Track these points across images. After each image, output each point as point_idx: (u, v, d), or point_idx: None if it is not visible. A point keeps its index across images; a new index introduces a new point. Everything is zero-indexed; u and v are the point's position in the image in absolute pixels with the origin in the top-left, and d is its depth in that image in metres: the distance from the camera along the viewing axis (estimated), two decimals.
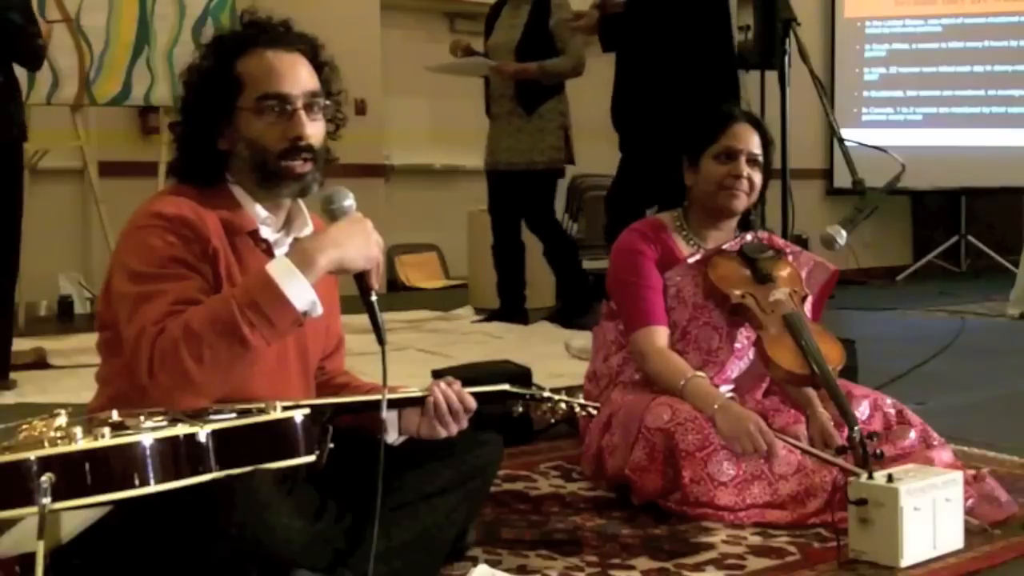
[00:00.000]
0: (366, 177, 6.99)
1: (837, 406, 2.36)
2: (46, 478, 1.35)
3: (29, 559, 1.41)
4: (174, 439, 1.45)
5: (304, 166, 1.83)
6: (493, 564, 2.02)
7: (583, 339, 4.25)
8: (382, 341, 1.73)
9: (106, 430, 1.43)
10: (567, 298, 5.55)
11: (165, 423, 1.50)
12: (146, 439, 1.43)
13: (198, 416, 1.54)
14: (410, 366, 3.81)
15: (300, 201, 1.91)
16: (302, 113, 1.82)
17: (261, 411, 1.56)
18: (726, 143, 2.63)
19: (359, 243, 1.74)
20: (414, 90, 7.64)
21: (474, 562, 2.02)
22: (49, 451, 1.37)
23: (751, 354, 2.62)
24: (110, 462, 1.40)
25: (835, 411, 2.41)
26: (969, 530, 2.15)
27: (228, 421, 1.53)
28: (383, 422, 1.84)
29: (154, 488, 1.42)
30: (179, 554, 1.59)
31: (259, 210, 1.85)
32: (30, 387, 3.89)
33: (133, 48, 5.46)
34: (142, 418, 1.52)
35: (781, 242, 2.80)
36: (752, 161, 2.63)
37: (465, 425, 1.89)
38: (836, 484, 2.21)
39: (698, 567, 2.06)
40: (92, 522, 1.53)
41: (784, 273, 2.64)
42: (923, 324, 5.75)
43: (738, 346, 2.62)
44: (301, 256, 1.70)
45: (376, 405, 1.81)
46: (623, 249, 2.70)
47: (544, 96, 5.34)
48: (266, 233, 1.86)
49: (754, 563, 2.08)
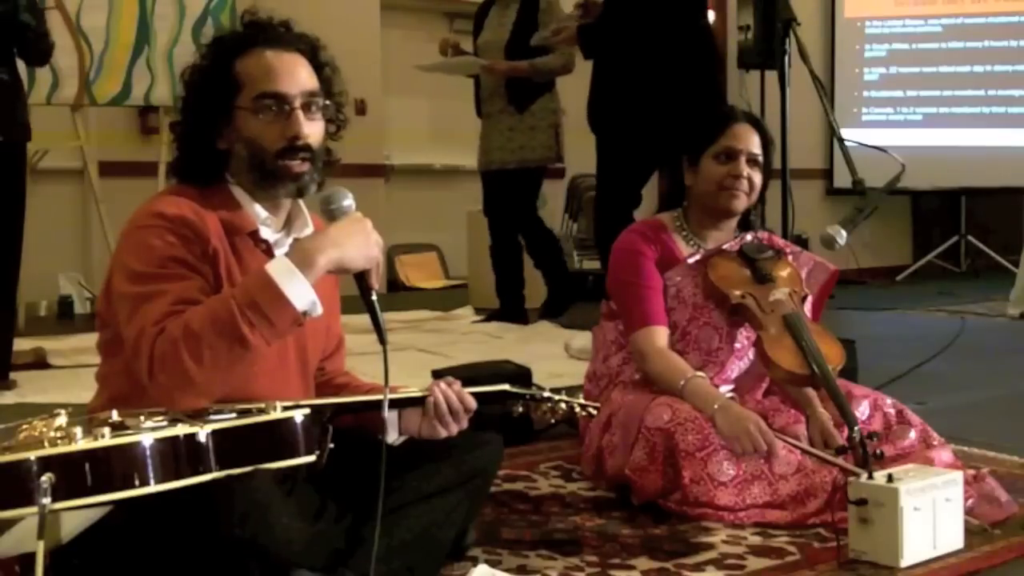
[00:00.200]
0: (366, 177, 7.00)
1: (837, 406, 2.36)
2: (46, 478, 1.35)
3: (29, 559, 1.41)
4: (174, 439, 1.46)
5: (301, 166, 1.82)
6: (493, 564, 2.02)
7: (583, 339, 4.25)
8: (383, 341, 1.72)
9: (106, 430, 1.43)
10: (554, 292, 5.59)
11: (165, 423, 1.50)
12: (146, 439, 1.43)
13: (198, 416, 1.54)
14: (410, 366, 3.81)
15: (300, 201, 1.91)
16: (299, 112, 1.82)
17: (261, 411, 1.57)
18: (726, 143, 2.63)
19: (359, 243, 1.74)
20: (414, 90, 7.64)
21: (474, 562, 2.02)
22: (49, 451, 1.37)
23: (751, 354, 2.62)
24: (110, 462, 1.40)
25: (835, 411, 2.41)
26: (969, 530, 2.15)
27: (228, 421, 1.53)
28: (384, 422, 1.84)
29: (154, 488, 1.42)
30: (179, 554, 1.58)
31: (259, 210, 1.85)
32: (30, 387, 3.89)
33: (133, 48, 5.46)
34: (142, 418, 1.52)
35: (781, 242, 2.80)
36: (752, 161, 2.63)
37: (465, 425, 1.89)
38: (836, 484, 2.21)
39: (698, 567, 2.06)
40: (92, 522, 1.53)
41: (784, 273, 2.64)
42: (923, 324, 5.75)
43: (738, 346, 2.62)
44: (301, 256, 1.70)
45: (377, 405, 1.81)
46: (623, 249, 2.70)
47: (535, 94, 5.32)
48: (266, 233, 1.86)
49: (754, 563, 2.08)
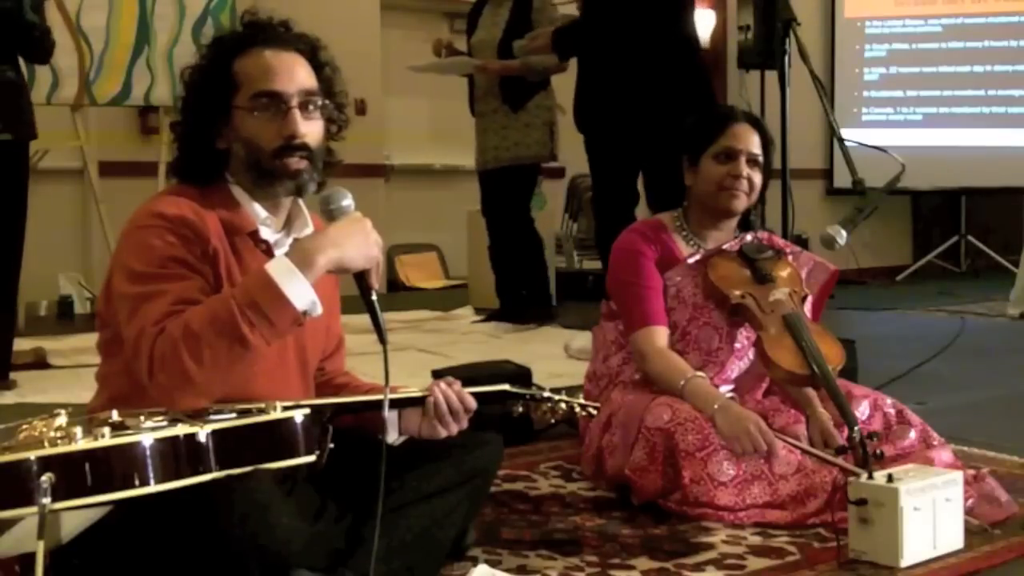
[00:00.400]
0: (366, 177, 7.00)
1: (837, 406, 2.36)
2: (46, 478, 1.35)
3: (29, 559, 1.41)
4: (174, 439, 1.46)
5: (299, 164, 1.82)
6: (493, 564, 2.02)
7: (583, 340, 4.25)
8: (383, 340, 1.72)
9: (106, 430, 1.43)
10: (518, 296, 5.47)
11: (165, 423, 1.50)
12: (146, 439, 1.43)
13: (198, 416, 1.54)
14: (410, 366, 3.81)
15: (300, 201, 1.90)
16: (296, 111, 1.81)
17: (261, 411, 1.57)
18: (725, 143, 2.63)
19: (358, 242, 1.74)
20: (414, 90, 7.64)
21: (474, 562, 2.02)
22: (49, 451, 1.37)
23: (751, 354, 2.62)
24: (110, 462, 1.40)
25: (835, 411, 2.41)
26: (969, 530, 2.15)
27: (228, 421, 1.53)
28: (384, 422, 1.84)
29: (154, 488, 1.42)
30: (179, 554, 1.58)
31: (259, 210, 1.85)
32: (30, 387, 3.88)
33: (133, 48, 5.46)
34: (142, 418, 1.52)
35: (781, 242, 2.80)
36: (752, 161, 2.62)
37: (465, 425, 1.89)
38: (836, 484, 2.21)
39: (698, 567, 2.06)
40: (92, 522, 1.53)
41: (784, 273, 2.64)
42: (923, 324, 5.75)
43: (738, 346, 2.62)
44: (300, 256, 1.70)
45: (376, 405, 1.81)
46: (623, 249, 2.70)
47: (530, 92, 5.30)
48: (266, 234, 1.86)
49: (754, 563, 2.08)
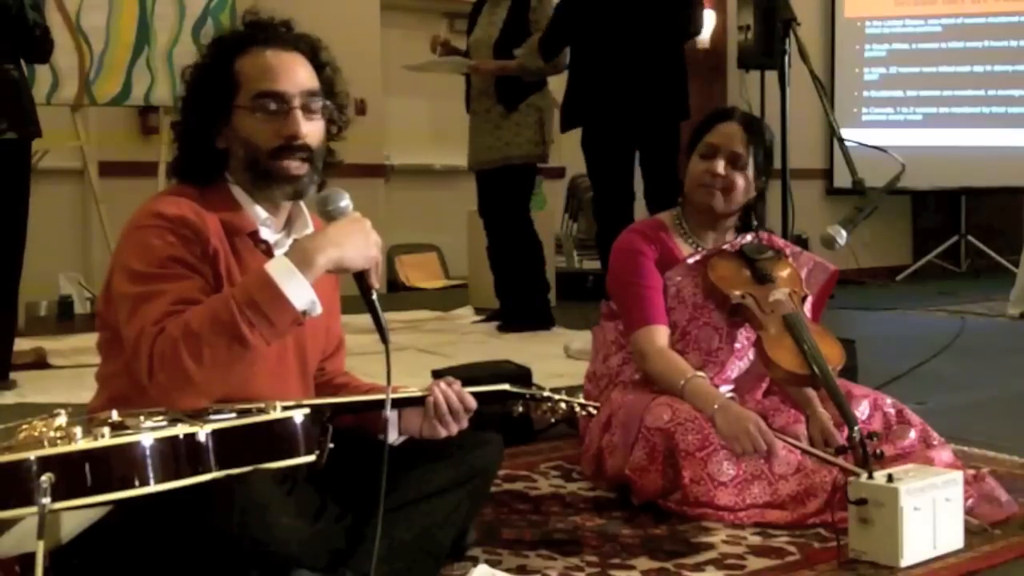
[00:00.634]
0: (366, 177, 7.00)
1: (837, 406, 2.36)
2: (46, 478, 1.35)
3: (29, 559, 1.41)
4: (174, 439, 1.46)
5: (300, 167, 1.81)
6: (493, 564, 2.02)
7: (583, 340, 4.25)
8: (385, 340, 1.72)
9: (106, 430, 1.43)
10: (516, 301, 5.41)
11: (165, 423, 1.50)
12: (146, 439, 1.43)
13: (198, 416, 1.54)
14: (410, 366, 3.81)
15: (301, 202, 1.91)
16: (298, 112, 1.81)
17: (261, 411, 1.57)
18: (709, 140, 2.64)
19: (357, 242, 1.74)
20: (414, 90, 7.64)
21: (474, 562, 2.02)
22: (49, 451, 1.37)
23: (751, 354, 2.62)
24: (110, 462, 1.40)
25: (835, 411, 2.41)
26: (969, 530, 2.15)
27: (228, 421, 1.53)
28: (384, 422, 1.84)
29: (154, 488, 1.42)
30: (179, 554, 1.59)
31: (259, 211, 1.85)
32: (30, 387, 3.88)
33: (133, 48, 5.46)
34: (142, 418, 1.52)
35: (781, 242, 2.80)
36: (733, 161, 2.61)
37: (465, 425, 1.89)
38: (836, 484, 2.21)
39: (698, 567, 2.06)
40: (92, 522, 1.53)
41: (784, 273, 2.64)
42: (923, 324, 5.75)
43: (738, 346, 2.62)
44: (300, 255, 1.70)
45: (377, 405, 1.81)
46: (623, 249, 2.70)
47: (524, 93, 5.26)
48: (266, 234, 1.86)
49: (754, 563, 2.08)
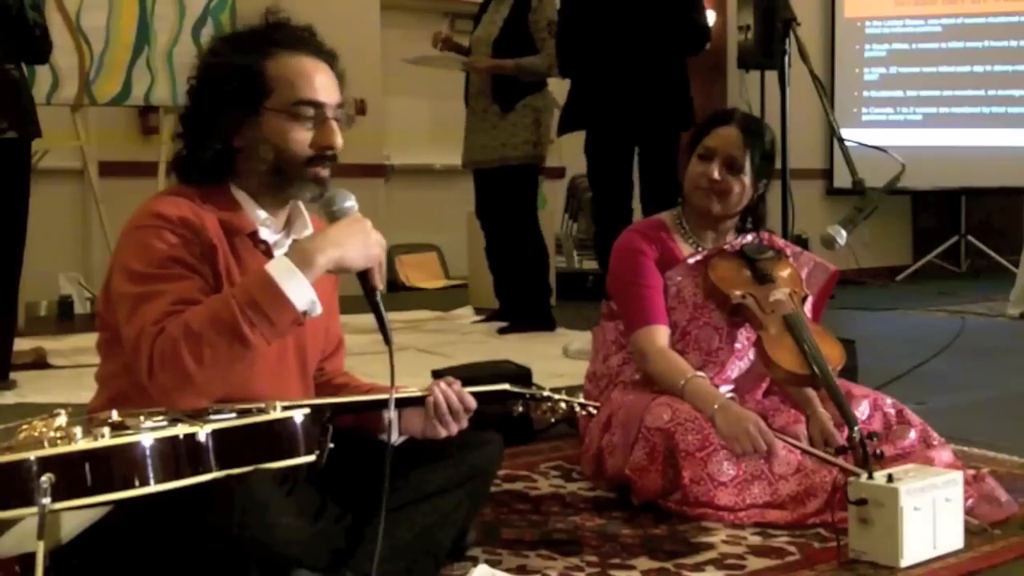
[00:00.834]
0: (366, 177, 6.99)
1: (837, 406, 2.36)
2: (46, 478, 1.35)
3: (29, 559, 1.41)
4: (174, 439, 1.45)
5: (326, 173, 1.85)
6: (493, 564, 2.02)
7: (582, 341, 4.25)
8: (388, 341, 1.72)
9: (106, 430, 1.43)
10: (517, 303, 5.38)
11: (165, 423, 1.50)
12: (146, 439, 1.43)
13: (198, 416, 1.54)
14: (410, 366, 3.80)
15: (300, 203, 1.91)
16: (333, 123, 1.84)
17: (261, 411, 1.56)
18: (707, 143, 2.64)
19: (358, 241, 1.74)
20: (414, 90, 7.64)
21: (474, 562, 2.02)
22: (49, 451, 1.37)
23: (751, 354, 2.62)
24: (110, 462, 1.40)
25: (835, 411, 2.41)
26: (969, 530, 2.15)
27: (228, 421, 1.53)
28: (385, 422, 1.84)
29: (154, 488, 1.42)
30: (179, 554, 1.58)
31: (259, 212, 1.85)
32: (30, 387, 3.88)
33: (133, 48, 5.46)
34: (142, 418, 1.52)
35: (781, 242, 2.80)
36: (730, 165, 2.61)
37: (465, 425, 1.89)
38: (836, 484, 2.21)
39: (698, 567, 2.06)
40: (92, 522, 1.53)
41: (784, 273, 2.64)
42: (923, 324, 5.75)
43: (738, 346, 2.62)
44: (300, 255, 1.70)
45: (377, 405, 1.82)
46: (623, 249, 2.70)
47: (521, 93, 5.22)
48: (265, 234, 1.86)
49: (754, 563, 2.08)
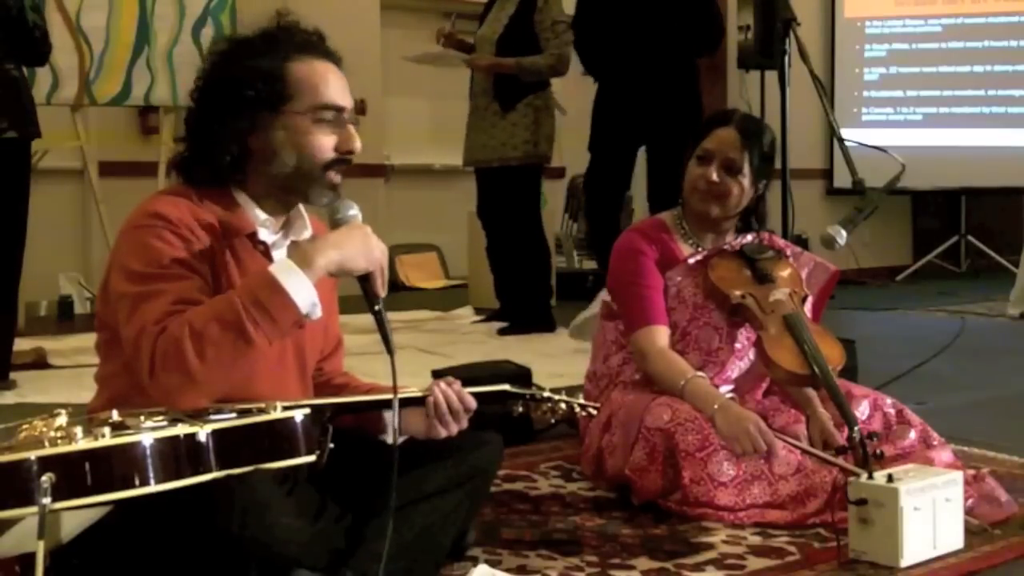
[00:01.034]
0: (366, 177, 6.99)
1: (837, 406, 2.36)
2: (46, 478, 1.35)
3: (29, 559, 1.41)
4: (174, 439, 1.45)
5: (339, 177, 1.86)
6: (493, 564, 2.02)
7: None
8: (390, 351, 1.72)
9: (106, 430, 1.43)
10: (517, 304, 5.36)
11: (165, 423, 1.50)
12: (146, 439, 1.43)
13: (198, 416, 1.54)
14: (410, 366, 3.81)
15: (300, 204, 1.91)
16: (352, 127, 1.86)
17: (261, 411, 1.57)
18: (705, 145, 2.64)
19: (358, 244, 1.74)
20: (414, 90, 7.64)
21: (474, 562, 2.02)
22: (49, 451, 1.37)
23: (751, 354, 2.62)
24: (110, 462, 1.40)
25: (835, 411, 2.41)
26: (969, 530, 2.15)
27: (228, 421, 1.53)
28: (384, 422, 1.84)
29: (154, 488, 1.42)
30: (179, 554, 1.58)
31: (258, 212, 1.85)
32: (30, 387, 3.88)
33: (133, 48, 5.46)
34: (142, 418, 1.52)
35: (781, 242, 2.80)
36: (728, 167, 2.61)
37: (465, 425, 1.89)
38: (836, 484, 2.21)
39: (698, 567, 2.06)
40: (92, 522, 1.53)
41: (784, 273, 2.64)
42: (923, 324, 5.75)
43: (738, 346, 2.62)
44: (301, 257, 1.70)
45: (378, 405, 1.82)
46: (623, 249, 2.70)
47: (523, 93, 5.18)
48: (264, 235, 1.86)
49: (754, 563, 2.08)
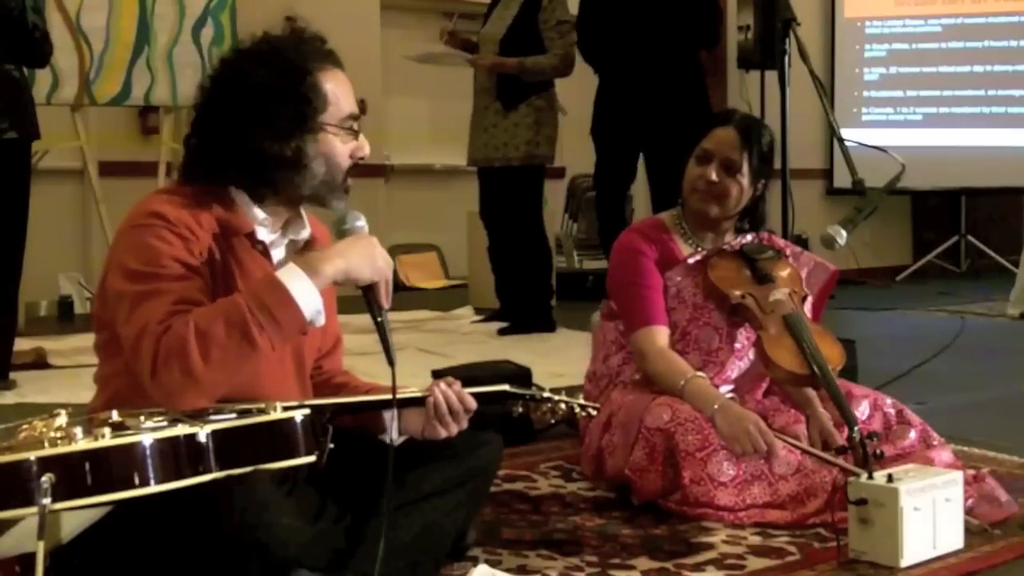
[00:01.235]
0: (366, 177, 6.99)
1: (837, 406, 2.36)
2: (46, 478, 1.35)
3: (29, 559, 1.41)
4: (174, 439, 1.46)
5: (351, 182, 1.88)
6: (493, 564, 2.02)
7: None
8: (392, 362, 1.72)
9: (106, 430, 1.43)
10: (518, 304, 5.35)
11: (165, 423, 1.50)
12: (146, 439, 1.43)
13: (198, 416, 1.54)
14: (410, 366, 3.81)
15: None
16: (361, 133, 1.88)
17: (261, 411, 1.57)
18: (704, 145, 2.64)
19: (364, 254, 1.75)
20: (414, 90, 7.64)
21: (474, 562, 2.02)
22: (49, 451, 1.37)
23: (751, 354, 2.62)
24: (110, 462, 1.40)
25: (835, 411, 2.41)
26: (969, 530, 2.15)
27: (228, 421, 1.53)
28: (384, 422, 1.84)
29: (154, 488, 1.42)
30: (179, 554, 1.59)
31: (256, 212, 1.85)
32: (30, 387, 3.88)
33: (133, 48, 5.47)
34: (142, 418, 1.52)
35: (781, 242, 2.80)
36: (727, 167, 2.61)
37: (465, 425, 1.89)
38: (836, 484, 2.21)
39: (698, 567, 2.06)
40: (92, 522, 1.53)
41: (784, 273, 2.64)
42: (923, 324, 5.75)
43: (738, 346, 2.62)
44: (308, 264, 1.71)
45: (378, 405, 1.82)
46: (623, 249, 2.70)
47: (526, 93, 5.15)
48: (263, 235, 1.86)
49: (754, 563, 2.08)
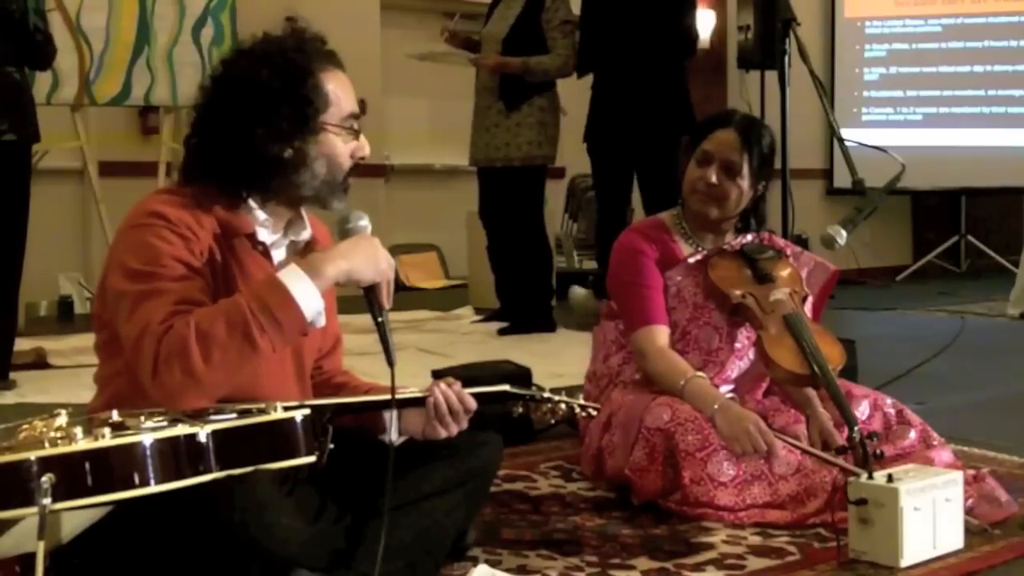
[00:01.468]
0: (366, 177, 6.99)
1: (837, 406, 2.36)
2: (46, 478, 1.35)
3: (29, 559, 1.41)
4: (174, 439, 1.46)
5: (350, 182, 1.89)
6: (493, 564, 2.02)
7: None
8: (391, 363, 1.72)
9: (106, 430, 1.43)
10: (518, 305, 5.34)
11: (165, 423, 1.50)
12: (146, 439, 1.43)
13: (198, 416, 1.54)
14: (410, 366, 3.80)
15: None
16: (361, 133, 1.88)
17: (261, 411, 1.57)
18: (704, 147, 2.63)
19: (367, 255, 1.75)
20: (414, 90, 7.63)
21: (474, 562, 2.02)
22: (49, 451, 1.37)
23: (751, 354, 2.62)
24: (110, 462, 1.40)
25: (835, 411, 2.41)
26: (969, 530, 2.15)
27: (228, 421, 1.53)
28: (384, 422, 1.84)
29: (154, 488, 1.42)
30: (179, 554, 1.59)
31: (257, 213, 1.85)
32: (30, 387, 3.89)
33: (133, 48, 5.47)
34: (142, 418, 1.52)
35: (781, 242, 2.80)
36: (727, 169, 2.61)
37: (465, 425, 1.89)
38: (836, 484, 2.21)
39: (698, 567, 2.06)
40: (92, 522, 1.53)
41: (784, 273, 2.64)
42: (923, 324, 5.75)
43: (738, 346, 2.62)
44: (310, 266, 1.71)
45: (378, 405, 1.82)
46: (624, 248, 2.70)
47: (528, 93, 5.15)
48: (263, 235, 1.86)
49: (754, 563, 2.08)
